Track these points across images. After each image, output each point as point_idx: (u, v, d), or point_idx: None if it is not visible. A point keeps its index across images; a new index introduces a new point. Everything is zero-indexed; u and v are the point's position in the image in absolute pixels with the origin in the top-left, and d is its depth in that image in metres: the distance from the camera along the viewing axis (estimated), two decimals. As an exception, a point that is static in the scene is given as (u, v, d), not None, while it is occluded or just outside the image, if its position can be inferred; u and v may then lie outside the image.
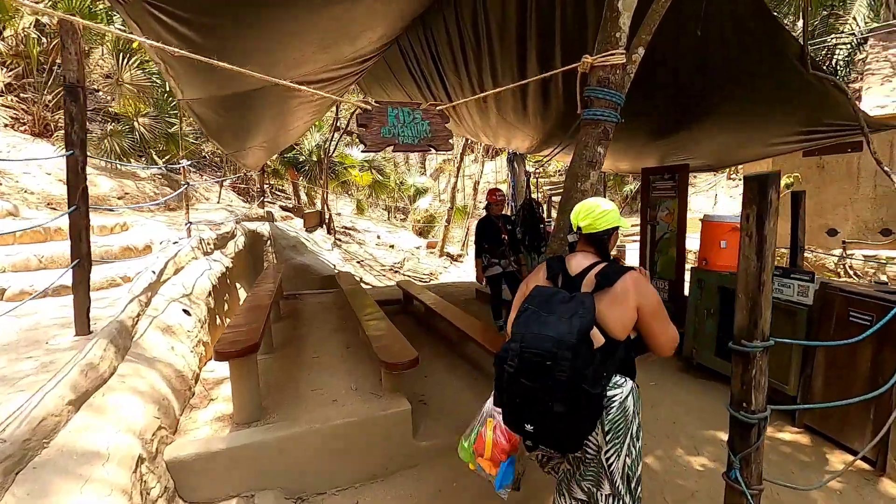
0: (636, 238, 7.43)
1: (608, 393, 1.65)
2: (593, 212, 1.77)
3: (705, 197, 14.79)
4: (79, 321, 2.90)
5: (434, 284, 9.56)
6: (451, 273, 12.78)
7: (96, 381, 2.45)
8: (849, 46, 10.06)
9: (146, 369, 2.90)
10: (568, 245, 1.92)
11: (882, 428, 2.86)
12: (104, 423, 2.24)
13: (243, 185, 12.87)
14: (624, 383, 1.69)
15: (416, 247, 14.87)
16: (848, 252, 8.37)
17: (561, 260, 1.82)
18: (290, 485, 2.61)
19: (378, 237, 14.53)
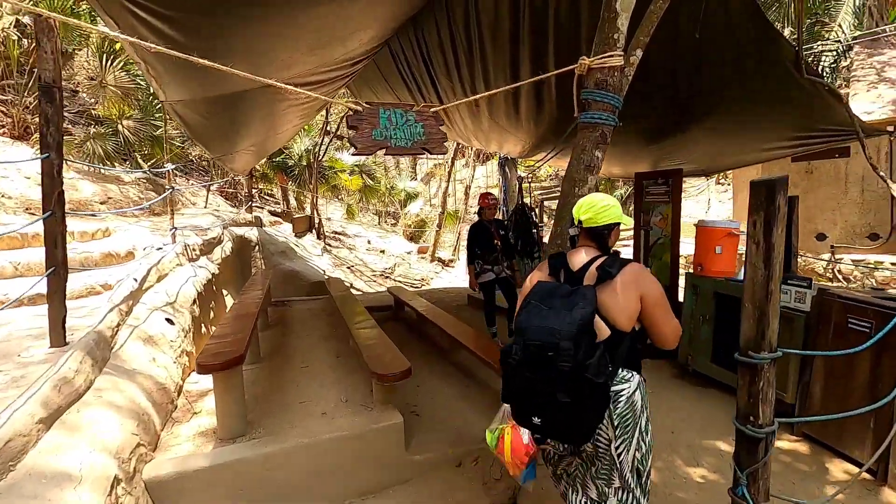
0: (628, 243, 7.41)
1: (615, 388, 1.64)
2: (595, 206, 1.79)
3: (695, 202, 14.89)
4: (53, 332, 2.76)
5: (425, 290, 9.46)
6: (443, 278, 12.69)
7: (70, 397, 2.31)
8: (834, 53, 10.19)
9: (125, 382, 2.76)
10: (569, 241, 1.94)
11: (882, 436, 2.85)
12: (78, 442, 2.11)
13: (231, 190, 12.69)
14: (631, 378, 1.68)
15: (407, 252, 14.75)
16: (836, 256, 8.43)
17: (562, 256, 1.83)
18: (277, 504, 2.49)
19: (369, 242, 14.39)
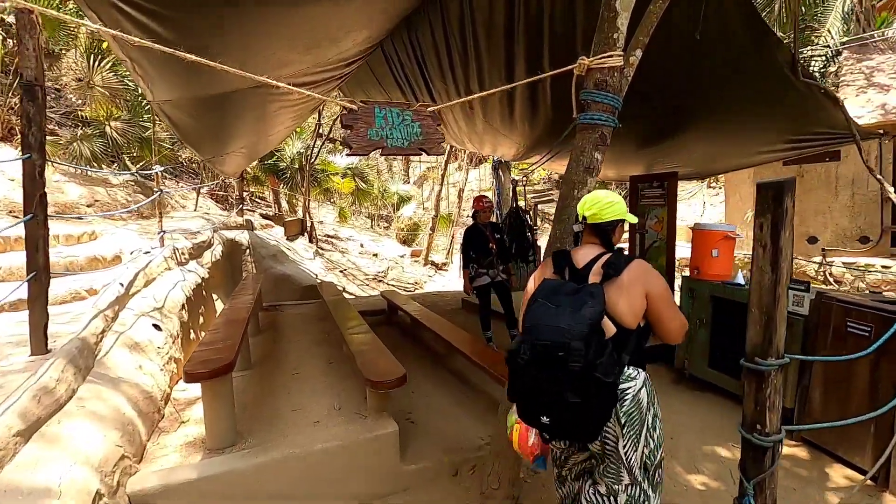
0: (624, 245, 7.39)
1: (621, 385, 1.63)
2: (599, 202, 1.78)
3: (686, 205, 14.96)
4: (34, 339, 2.66)
5: (419, 294, 9.38)
6: (436, 282, 12.61)
7: (51, 408, 2.22)
8: (823, 58, 10.30)
9: (109, 391, 2.67)
10: (573, 237, 1.90)
11: (883, 441, 2.82)
12: (58, 456, 2.01)
13: (222, 193, 12.52)
14: (636, 375, 1.67)
15: (401, 255, 14.65)
16: (828, 259, 8.48)
17: (566, 253, 1.81)
18: (268, 516, 2.40)
19: (361, 245, 14.28)
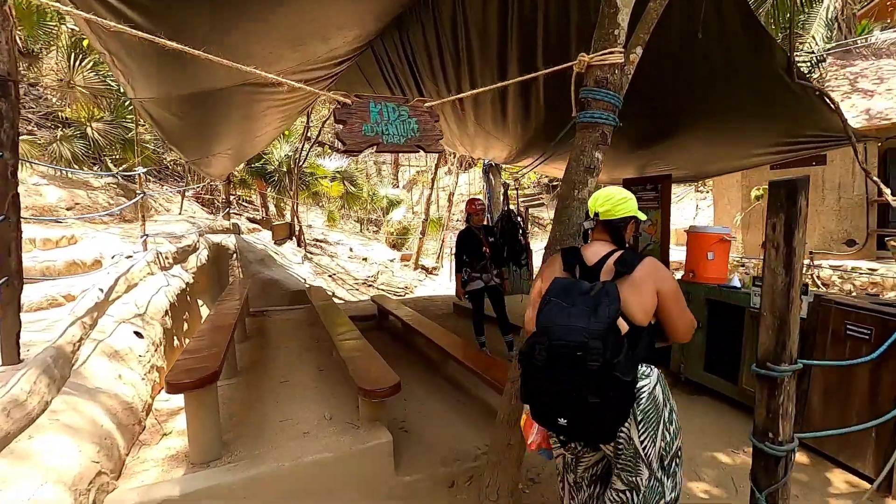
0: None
1: (637, 384, 1.62)
2: (612, 198, 1.77)
3: (675, 209, 15.07)
4: (6, 348, 2.50)
5: (409, 299, 9.27)
6: (427, 286, 12.50)
7: (21, 422, 2.08)
8: (808, 64, 10.45)
9: (86, 403, 2.53)
10: (582, 235, 1.90)
11: (884, 446, 2.78)
12: (27, 473, 1.88)
13: (208, 196, 12.30)
14: (650, 372, 1.66)
15: (390, 259, 14.52)
16: (815, 262, 8.56)
17: (576, 250, 1.77)
18: (255, 534, 2.28)
19: (351, 250, 14.12)
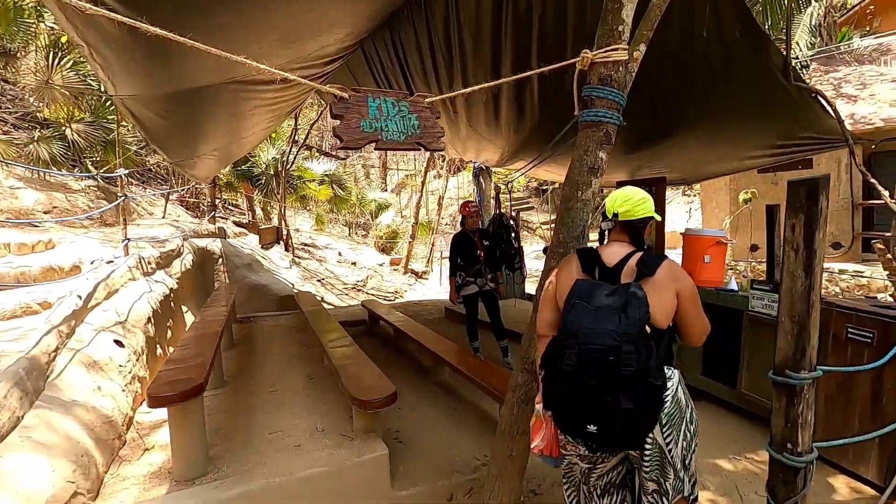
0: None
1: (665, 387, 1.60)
2: (631, 198, 1.75)
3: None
4: (-26, 360, 2.36)
5: (400, 303, 9.14)
6: (417, 290, 12.38)
7: (-12, 440, 1.93)
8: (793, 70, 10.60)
9: (61, 417, 2.38)
10: (599, 235, 1.89)
11: (888, 451, 2.75)
12: (-6, 497, 1.74)
13: (192, 199, 12.04)
14: (672, 375, 1.65)
15: (380, 263, 14.36)
16: (802, 265, 8.64)
17: (593, 251, 1.74)
18: (243, 555, 2.15)
19: (339, 254, 13.93)
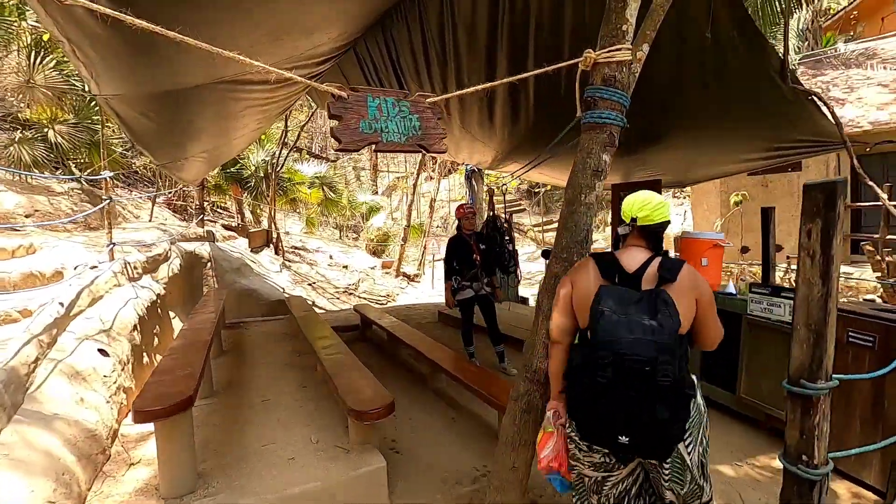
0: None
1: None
2: (650, 203, 1.72)
3: (654, 214, 15.22)
4: (-53, 374, 2.23)
5: (392, 307, 9.04)
6: (409, 294, 12.28)
7: (-39, 460, 1.82)
8: (781, 73, 10.72)
9: (41, 432, 2.26)
10: (617, 240, 1.85)
11: (893, 456, 2.74)
12: (-33, 523, 1.63)
13: (180, 202, 11.83)
14: (694, 382, 1.65)
15: (371, 267, 14.24)
16: (792, 267, 8.72)
17: (611, 256, 1.71)
18: (235, 576, 2.05)
19: (331, 257, 13.78)
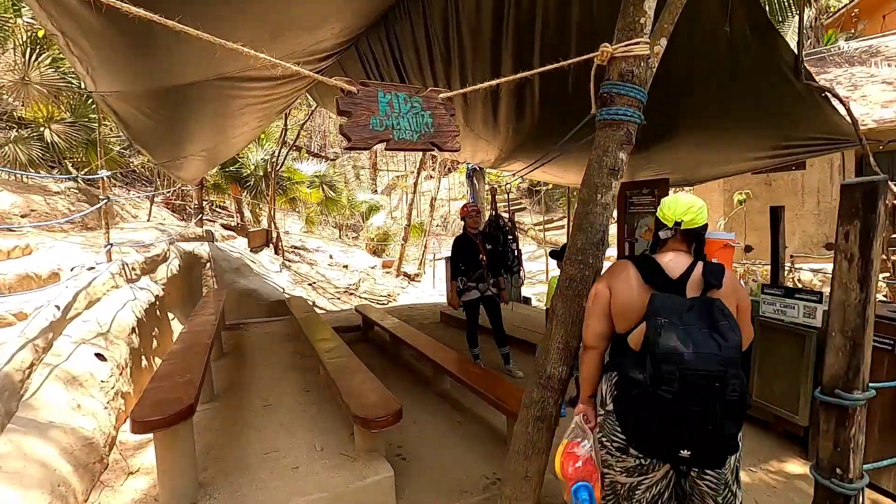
0: (612, 256, 7.26)
1: None
2: (694, 206, 1.65)
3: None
4: (-62, 381, 2.15)
5: (393, 307, 8.96)
6: (410, 294, 12.20)
7: (-49, 473, 1.74)
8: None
9: (36, 441, 2.18)
10: (650, 244, 1.80)
11: (912, 463, 2.67)
12: (-43, 541, 1.55)
13: (179, 202, 11.74)
14: None
15: (372, 266, 14.16)
16: (796, 266, 8.66)
17: (652, 261, 1.65)
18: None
19: (331, 257, 13.70)
